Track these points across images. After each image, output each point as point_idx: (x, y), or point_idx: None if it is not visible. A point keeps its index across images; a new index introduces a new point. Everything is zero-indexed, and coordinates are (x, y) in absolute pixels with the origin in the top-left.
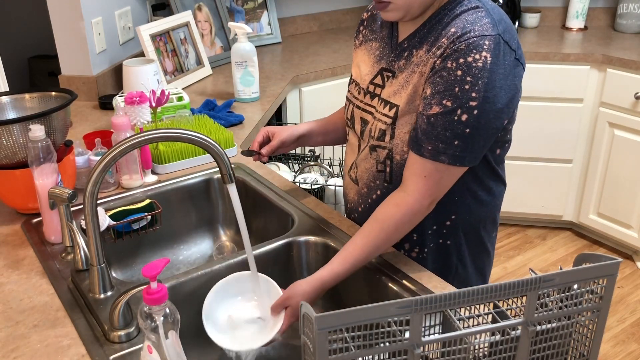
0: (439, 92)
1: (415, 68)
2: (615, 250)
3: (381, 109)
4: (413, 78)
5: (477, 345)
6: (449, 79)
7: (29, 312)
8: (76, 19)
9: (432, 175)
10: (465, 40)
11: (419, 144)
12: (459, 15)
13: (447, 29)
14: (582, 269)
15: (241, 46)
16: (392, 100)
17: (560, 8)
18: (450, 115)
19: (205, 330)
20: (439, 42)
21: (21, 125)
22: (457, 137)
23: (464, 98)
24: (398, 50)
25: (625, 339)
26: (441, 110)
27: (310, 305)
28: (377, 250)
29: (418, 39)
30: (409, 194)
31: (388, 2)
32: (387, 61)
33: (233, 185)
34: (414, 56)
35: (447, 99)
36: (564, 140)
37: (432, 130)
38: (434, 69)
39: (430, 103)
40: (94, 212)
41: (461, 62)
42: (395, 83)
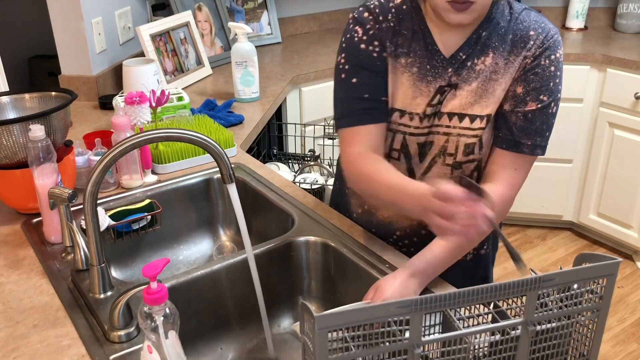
0: (534, 89)
1: (493, 76)
2: (615, 250)
3: (457, 123)
4: (497, 86)
5: (477, 345)
6: (544, 75)
7: (29, 312)
8: (76, 19)
9: (522, 167)
10: (551, 38)
11: (516, 142)
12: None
13: (520, 32)
14: (582, 269)
15: (241, 46)
16: (474, 112)
17: (560, 8)
18: (547, 109)
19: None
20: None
21: (21, 125)
22: (549, 129)
23: (556, 91)
24: (455, 64)
25: (625, 339)
26: (539, 106)
27: (307, 306)
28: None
29: (479, 46)
30: (499, 185)
31: (472, 1)
32: (444, 78)
33: (233, 185)
34: (477, 64)
35: (543, 94)
36: (564, 140)
37: (530, 125)
38: (524, 69)
39: (525, 100)
40: (94, 212)
41: (552, 58)
42: (461, 94)
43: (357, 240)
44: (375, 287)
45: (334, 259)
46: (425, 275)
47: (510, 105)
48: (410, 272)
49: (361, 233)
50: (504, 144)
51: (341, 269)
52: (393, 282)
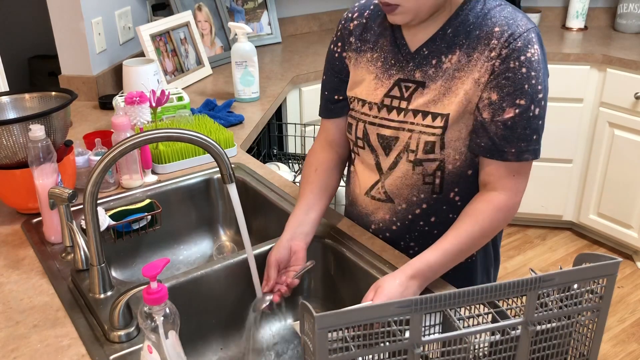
0: (509, 94)
1: (456, 74)
2: (615, 250)
3: (420, 121)
4: (461, 84)
5: (477, 345)
6: (515, 79)
7: (29, 312)
8: (76, 19)
9: (520, 173)
10: (519, 37)
11: (499, 151)
12: (488, 13)
13: (486, 28)
14: (582, 269)
15: (241, 46)
16: (436, 110)
17: (560, 8)
18: (527, 113)
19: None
20: (487, 44)
21: (21, 125)
22: (535, 132)
23: (534, 93)
24: (417, 58)
25: (625, 339)
26: (517, 111)
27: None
28: (471, 243)
29: (444, 43)
30: (499, 192)
31: (396, 5)
32: (404, 72)
33: (233, 185)
34: (444, 62)
35: (519, 98)
36: (564, 140)
37: (512, 133)
38: (495, 73)
39: (502, 107)
40: (94, 212)
41: (522, 59)
42: (429, 92)
43: (357, 240)
44: (375, 288)
45: (334, 259)
46: (425, 278)
47: (489, 114)
48: (410, 273)
49: (361, 233)
50: (487, 153)
51: (341, 269)
52: (393, 283)
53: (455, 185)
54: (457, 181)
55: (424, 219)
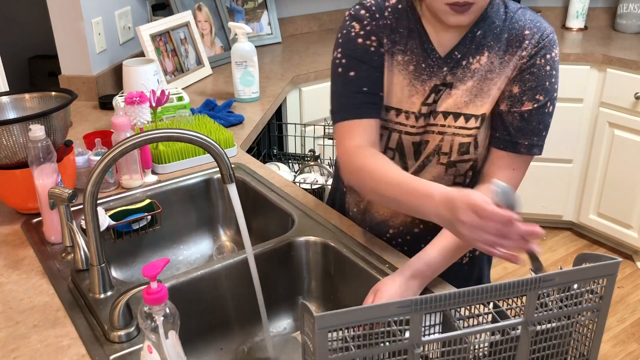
0: (530, 89)
1: (488, 75)
2: (615, 250)
3: (452, 122)
4: (492, 86)
5: (477, 345)
6: (539, 75)
7: (29, 312)
8: (76, 19)
9: (520, 168)
10: (546, 37)
11: (513, 142)
12: (512, 16)
13: (515, 31)
14: (582, 269)
15: (241, 46)
16: (469, 111)
17: (560, 8)
18: (543, 109)
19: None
20: (519, 45)
21: (21, 125)
22: (546, 128)
23: (552, 91)
24: (450, 63)
25: (625, 339)
26: (535, 105)
27: (307, 306)
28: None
29: (474, 45)
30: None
31: (472, 3)
32: (439, 77)
33: (233, 185)
34: (472, 63)
35: (539, 93)
36: (564, 140)
37: (527, 125)
38: (520, 69)
39: (522, 100)
40: (94, 212)
41: (548, 57)
42: (458, 94)
43: (357, 240)
44: (375, 291)
45: (334, 259)
46: (425, 277)
47: (507, 105)
48: (409, 273)
49: (361, 233)
50: (501, 144)
51: (341, 269)
52: (392, 285)
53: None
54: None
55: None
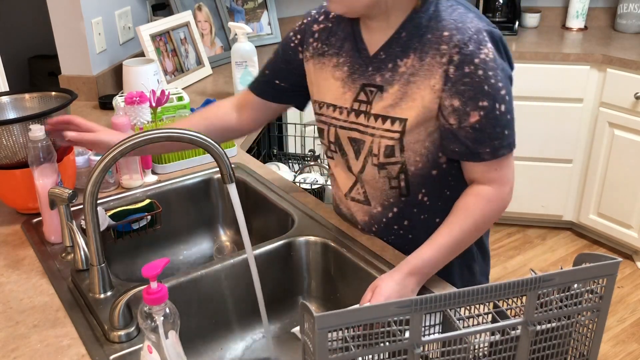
0: (471, 99)
1: (410, 78)
2: (615, 250)
3: (380, 125)
4: (416, 91)
5: (477, 345)
6: (474, 82)
7: (29, 312)
8: (76, 19)
9: (501, 167)
10: (469, 40)
11: (474, 153)
12: (439, 15)
13: (436, 32)
14: (582, 269)
15: (241, 46)
16: (394, 114)
17: (560, 8)
18: (492, 113)
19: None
20: (437, 49)
21: (21, 125)
22: (505, 127)
23: (495, 92)
24: (375, 62)
25: (625, 339)
26: (482, 113)
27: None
28: (465, 236)
29: (398, 47)
30: (486, 185)
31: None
32: (366, 76)
33: (233, 185)
34: (400, 66)
35: (481, 100)
36: (564, 140)
37: (482, 134)
38: (451, 80)
39: (467, 112)
40: (94, 212)
41: (477, 62)
42: (387, 97)
43: (357, 240)
44: (373, 288)
45: (334, 259)
46: (422, 274)
47: (455, 120)
48: (407, 270)
49: (361, 233)
50: (464, 157)
51: (341, 269)
52: (390, 282)
53: (421, 187)
54: (423, 182)
55: (398, 223)
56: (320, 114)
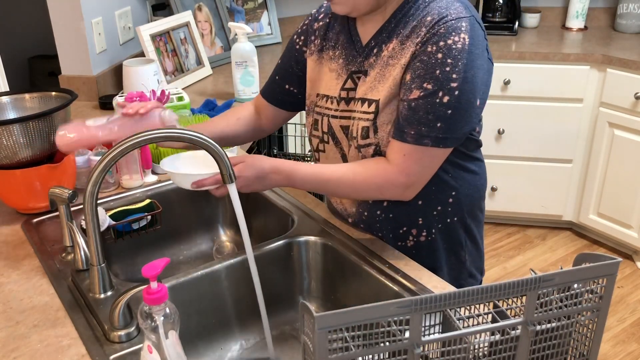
0: (419, 76)
1: (389, 61)
2: (615, 250)
3: (359, 108)
4: (391, 71)
5: (477, 344)
6: (429, 62)
7: (29, 312)
8: (76, 19)
9: (411, 155)
10: (443, 23)
11: (400, 130)
12: (428, 4)
13: (421, 18)
14: (582, 269)
15: (241, 46)
16: (370, 96)
17: (560, 8)
18: (432, 98)
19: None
20: (417, 32)
21: (21, 125)
22: (440, 119)
23: (445, 80)
24: (366, 50)
25: (625, 339)
26: (422, 94)
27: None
28: (340, 185)
29: (386, 34)
30: (389, 163)
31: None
32: (356, 64)
33: (233, 185)
34: (383, 51)
35: (427, 82)
36: (564, 140)
37: (414, 114)
38: (413, 55)
39: (411, 88)
40: (94, 212)
41: (441, 45)
42: (368, 80)
43: (357, 240)
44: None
45: (334, 259)
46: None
47: (401, 93)
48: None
49: (361, 233)
50: (394, 132)
51: (341, 269)
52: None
53: None
54: None
55: (379, 205)
56: (318, 106)
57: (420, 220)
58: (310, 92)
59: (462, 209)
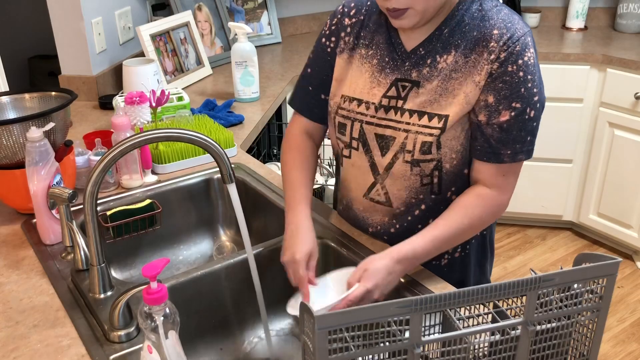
0: (505, 97)
1: (452, 74)
2: (615, 250)
3: (417, 121)
4: (459, 86)
5: (477, 345)
6: (512, 82)
7: (29, 312)
8: (76, 19)
9: (509, 173)
10: (517, 40)
11: (496, 154)
12: (485, 14)
13: (484, 30)
14: (582, 269)
15: (241, 46)
16: (433, 110)
17: (560, 8)
18: (522, 116)
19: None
20: (486, 46)
21: (21, 125)
22: (529, 134)
23: (530, 96)
24: (414, 58)
25: (625, 339)
26: (512, 114)
27: (307, 306)
28: (459, 235)
29: (439, 43)
30: (490, 188)
31: (406, 8)
32: (401, 71)
33: (233, 185)
34: (439, 62)
35: (515, 101)
36: (564, 140)
37: (508, 135)
38: (492, 76)
39: (499, 110)
40: (94, 212)
41: (520, 63)
42: (424, 92)
43: (357, 240)
44: (362, 269)
45: (334, 259)
46: (409, 263)
47: (485, 116)
48: (397, 258)
49: (361, 233)
50: (484, 156)
51: None
52: (380, 267)
53: (452, 185)
54: (455, 180)
55: (422, 221)
56: (342, 109)
57: None
58: (335, 92)
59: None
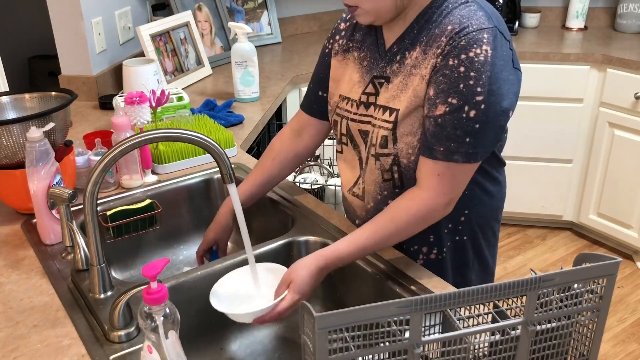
0: (443, 91)
1: (412, 70)
2: (615, 250)
3: (380, 116)
4: (412, 80)
5: (477, 345)
6: (452, 77)
7: (29, 312)
8: (76, 19)
9: (444, 174)
10: (464, 35)
11: (429, 148)
12: (450, 11)
13: (442, 27)
14: (582, 269)
15: (241, 46)
16: (391, 105)
17: (560, 8)
18: (458, 113)
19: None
20: (438, 42)
21: (21, 125)
22: (468, 134)
23: (469, 94)
24: (389, 55)
25: (625, 339)
26: (448, 109)
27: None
28: (385, 240)
29: (408, 40)
30: (423, 190)
31: (355, 6)
32: (378, 69)
33: (233, 185)
34: (407, 58)
35: (452, 96)
36: (564, 140)
37: (441, 131)
38: (435, 69)
39: (435, 103)
40: (94, 212)
41: (463, 58)
42: (391, 88)
43: None
44: (287, 282)
45: None
46: (334, 267)
47: (426, 109)
48: (323, 264)
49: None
50: (422, 150)
51: (341, 269)
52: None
53: (414, 181)
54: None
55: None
56: (337, 107)
57: (432, 238)
58: (333, 92)
59: (473, 228)
